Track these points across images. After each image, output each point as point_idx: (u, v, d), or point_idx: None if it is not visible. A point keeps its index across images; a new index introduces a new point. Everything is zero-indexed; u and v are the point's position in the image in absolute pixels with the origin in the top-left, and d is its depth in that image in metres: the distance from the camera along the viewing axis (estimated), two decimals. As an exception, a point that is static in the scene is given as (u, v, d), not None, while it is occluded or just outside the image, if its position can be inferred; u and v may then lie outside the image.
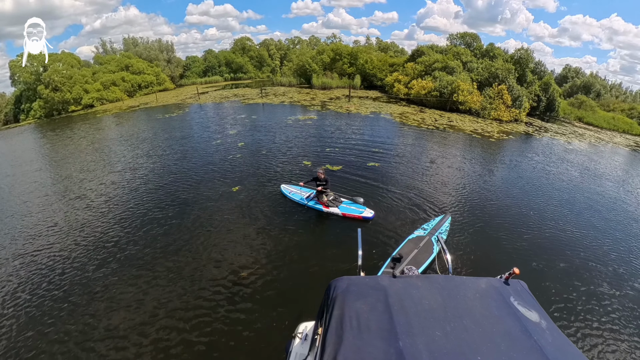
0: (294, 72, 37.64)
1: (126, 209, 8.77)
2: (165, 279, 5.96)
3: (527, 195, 9.94)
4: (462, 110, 22.64)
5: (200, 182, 10.25)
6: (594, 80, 37.46)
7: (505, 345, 1.89)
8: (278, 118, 19.62)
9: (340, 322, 2.10)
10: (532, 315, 2.16)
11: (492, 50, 28.25)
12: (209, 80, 45.98)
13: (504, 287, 2.40)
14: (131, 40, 43.18)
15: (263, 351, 4.49)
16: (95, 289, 5.80)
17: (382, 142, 14.41)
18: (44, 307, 5.48)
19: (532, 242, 7.32)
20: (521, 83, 24.88)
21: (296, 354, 3.08)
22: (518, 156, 14.22)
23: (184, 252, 6.74)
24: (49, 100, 28.43)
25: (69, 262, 6.65)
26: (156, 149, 14.25)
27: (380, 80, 33.21)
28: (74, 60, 33.18)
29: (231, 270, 6.13)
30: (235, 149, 13.41)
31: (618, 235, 8.16)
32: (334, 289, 2.42)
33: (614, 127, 26.93)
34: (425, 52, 29.39)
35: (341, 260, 6.22)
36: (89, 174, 11.72)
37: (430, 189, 9.75)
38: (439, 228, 6.82)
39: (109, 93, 31.73)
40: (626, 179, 13.11)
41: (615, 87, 41.22)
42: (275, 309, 5.19)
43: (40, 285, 5.99)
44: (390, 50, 45.88)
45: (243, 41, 52.30)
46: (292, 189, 9.12)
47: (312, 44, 54.13)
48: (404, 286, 2.36)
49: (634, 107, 31.39)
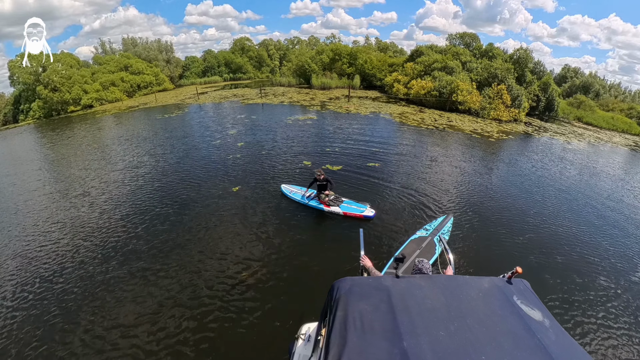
0: (293, 72, 37.63)
1: (127, 209, 8.75)
2: (166, 280, 5.95)
3: (528, 195, 9.96)
4: (462, 110, 22.67)
5: (200, 182, 10.24)
6: (592, 80, 37.59)
7: (509, 345, 1.89)
8: (277, 118, 19.61)
9: (343, 322, 2.09)
10: (536, 314, 2.16)
11: (491, 50, 28.30)
12: (208, 80, 45.92)
13: (507, 287, 2.40)
14: (130, 41, 43.09)
15: (266, 352, 4.48)
16: (95, 286, 5.81)
17: (382, 142, 14.41)
18: (51, 300, 5.53)
19: (533, 241, 7.34)
20: (520, 83, 24.91)
21: (299, 355, 3.07)
22: (518, 156, 14.24)
23: (185, 253, 6.73)
24: (48, 100, 28.37)
25: (73, 257, 6.66)
26: (156, 149, 14.22)
27: (379, 80, 33.23)
28: (73, 61, 33.12)
29: (233, 271, 6.12)
30: (235, 149, 13.40)
31: (616, 232, 8.20)
32: (337, 289, 2.41)
33: (613, 126, 27.01)
34: (425, 52, 29.40)
35: (343, 260, 6.21)
36: (90, 173, 11.70)
37: (431, 189, 9.75)
38: (442, 228, 6.81)
39: (108, 93, 31.65)
40: (625, 178, 13.14)
41: (614, 87, 41.38)
42: (278, 310, 5.18)
43: (47, 279, 6.01)
44: (390, 50, 45.93)
45: (242, 41, 52.29)
46: (293, 189, 9.11)
47: (312, 44, 54.17)
48: (407, 286, 2.35)
49: (633, 107, 31.48)
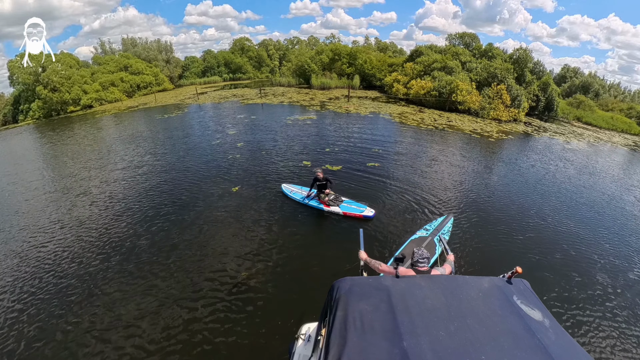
0: (292, 73, 37.61)
1: (127, 209, 8.74)
2: (165, 279, 5.94)
3: (528, 194, 9.96)
4: (461, 110, 22.67)
5: (200, 182, 10.23)
6: (592, 80, 37.62)
7: (509, 344, 1.89)
8: (277, 118, 19.60)
9: (343, 322, 2.09)
10: (536, 314, 2.16)
11: (491, 50, 28.31)
12: (207, 80, 45.95)
13: (507, 286, 2.41)
14: (130, 41, 43.10)
15: (266, 352, 4.48)
16: (95, 285, 5.80)
17: (381, 142, 14.41)
18: (51, 300, 5.53)
19: (533, 240, 7.35)
20: (520, 83, 24.92)
21: (299, 355, 3.07)
22: (517, 155, 14.24)
23: (183, 253, 6.72)
24: (47, 100, 28.36)
25: (73, 256, 6.65)
26: (156, 149, 14.22)
27: (379, 80, 33.23)
28: (73, 61, 33.11)
29: (233, 271, 6.12)
30: (235, 149, 13.39)
31: (615, 231, 8.22)
32: (337, 289, 2.42)
33: (612, 126, 27.01)
34: (424, 52, 29.41)
35: (343, 260, 6.20)
36: (90, 172, 11.70)
37: (431, 189, 9.75)
38: (442, 228, 6.80)
39: (107, 94, 31.65)
40: (624, 178, 13.14)
41: (614, 86, 41.40)
42: (278, 310, 5.17)
43: (47, 279, 6.00)
44: (389, 50, 45.97)
45: (242, 41, 52.31)
46: (293, 189, 9.12)
47: (311, 44, 54.16)
48: (407, 286, 2.36)
49: (633, 107, 31.50)
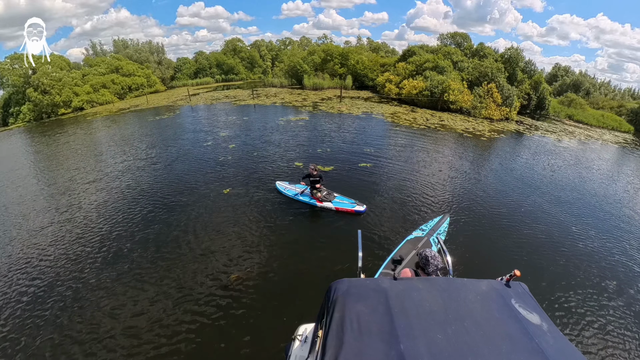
0: (285, 73, 37.59)
1: (118, 211, 8.60)
2: (158, 282, 5.85)
3: (520, 192, 10.02)
4: (453, 109, 22.79)
5: (191, 184, 10.11)
6: (583, 78, 38.02)
7: (507, 348, 1.88)
8: (270, 119, 19.54)
9: (340, 324, 2.08)
10: (534, 317, 2.15)
11: (482, 49, 28.51)
12: (200, 82, 45.69)
13: (505, 290, 2.39)
14: (121, 42, 42.73)
15: (263, 353, 4.43)
16: (88, 288, 5.72)
17: (374, 143, 14.41)
18: (45, 306, 5.44)
19: (528, 239, 7.37)
20: (511, 82, 25.12)
21: (296, 356, 3.04)
22: (510, 154, 14.33)
23: (175, 255, 6.61)
24: (38, 103, 28.00)
25: (65, 258, 6.52)
26: (147, 151, 14.06)
27: (371, 81, 33.32)
28: (64, 63, 32.78)
29: (228, 272, 6.04)
30: (227, 151, 13.29)
31: (614, 230, 8.31)
32: (335, 291, 2.40)
33: (603, 124, 27.33)
34: (416, 52, 29.55)
35: (339, 260, 6.14)
36: (81, 175, 11.50)
37: (424, 188, 9.75)
38: (438, 229, 6.70)
39: (99, 96, 31.31)
40: (614, 175, 13.28)
41: (604, 85, 41.82)
42: (274, 311, 5.12)
43: (38, 282, 5.88)
44: (381, 50, 46.13)
45: (234, 42, 52.13)
46: (287, 186, 9.23)
47: (303, 45, 54.08)
48: (405, 288, 2.34)
49: (623, 105, 31.88)
